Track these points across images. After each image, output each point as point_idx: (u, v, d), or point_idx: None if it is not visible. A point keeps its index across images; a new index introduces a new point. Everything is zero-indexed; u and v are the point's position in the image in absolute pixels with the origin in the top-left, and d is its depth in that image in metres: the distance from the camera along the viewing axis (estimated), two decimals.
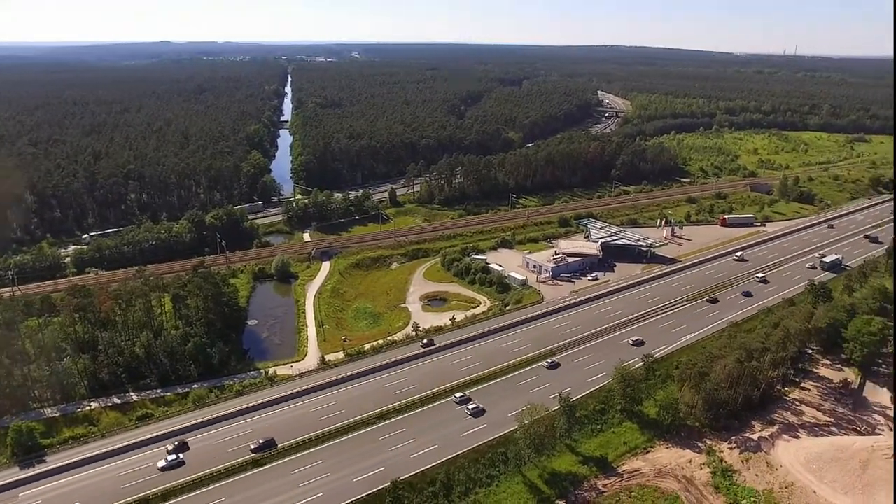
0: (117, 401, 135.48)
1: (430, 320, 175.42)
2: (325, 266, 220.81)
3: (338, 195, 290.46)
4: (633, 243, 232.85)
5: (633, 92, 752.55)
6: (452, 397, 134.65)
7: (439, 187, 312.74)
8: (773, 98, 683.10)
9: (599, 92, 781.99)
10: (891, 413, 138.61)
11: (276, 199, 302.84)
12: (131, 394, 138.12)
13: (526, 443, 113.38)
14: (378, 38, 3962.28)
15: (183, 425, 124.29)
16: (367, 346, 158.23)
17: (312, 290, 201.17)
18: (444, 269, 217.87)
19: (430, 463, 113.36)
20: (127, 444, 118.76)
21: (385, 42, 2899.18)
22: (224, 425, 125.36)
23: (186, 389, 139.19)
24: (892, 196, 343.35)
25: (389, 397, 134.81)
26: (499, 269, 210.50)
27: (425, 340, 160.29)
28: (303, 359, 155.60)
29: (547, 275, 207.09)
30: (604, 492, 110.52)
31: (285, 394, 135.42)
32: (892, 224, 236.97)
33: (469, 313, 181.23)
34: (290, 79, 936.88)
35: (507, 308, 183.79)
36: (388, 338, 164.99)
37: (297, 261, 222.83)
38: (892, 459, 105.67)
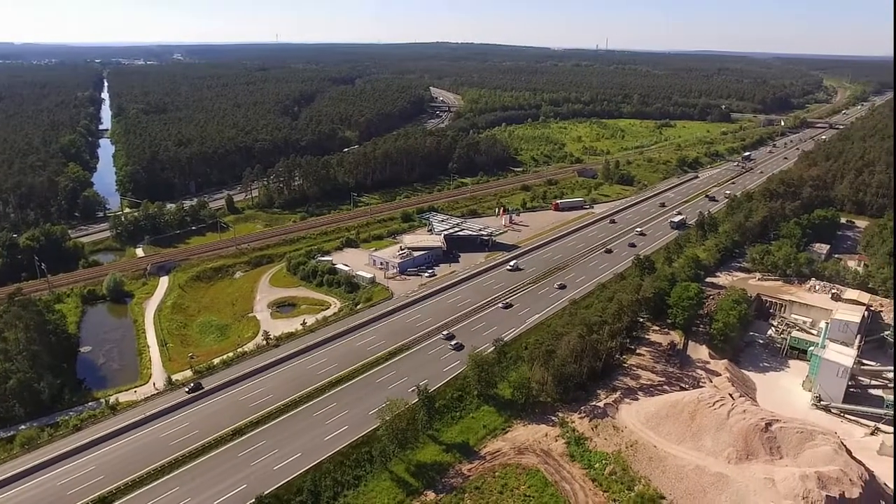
0: None
1: (280, 327, 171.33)
2: (164, 281, 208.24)
3: (171, 206, 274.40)
4: (475, 233, 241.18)
5: (463, 87, 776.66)
6: (312, 402, 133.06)
7: (278, 191, 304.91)
8: (590, 89, 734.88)
9: (431, 88, 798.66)
10: (710, 366, 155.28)
11: (101, 214, 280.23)
12: None
13: (389, 439, 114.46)
14: (201, 38, 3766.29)
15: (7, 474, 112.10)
16: (217, 361, 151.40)
17: (151, 307, 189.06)
18: (290, 273, 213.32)
19: (295, 472, 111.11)
20: None
21: (210, 43, 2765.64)
22: (60, 467, 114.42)
23: (12, 432, 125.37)
24: (694, 174, 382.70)
25: (246, 411, 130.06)
26: (346, 269, 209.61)
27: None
28: (147, 382, 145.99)
29: (394, 270, 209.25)
30: (469, 476, 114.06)
31: (130, 421, 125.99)
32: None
33: (320, 316, 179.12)
34: (106, 83, 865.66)
35: (358, 307, 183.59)
36: (239, 349, 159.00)
37: (131, 278, 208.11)
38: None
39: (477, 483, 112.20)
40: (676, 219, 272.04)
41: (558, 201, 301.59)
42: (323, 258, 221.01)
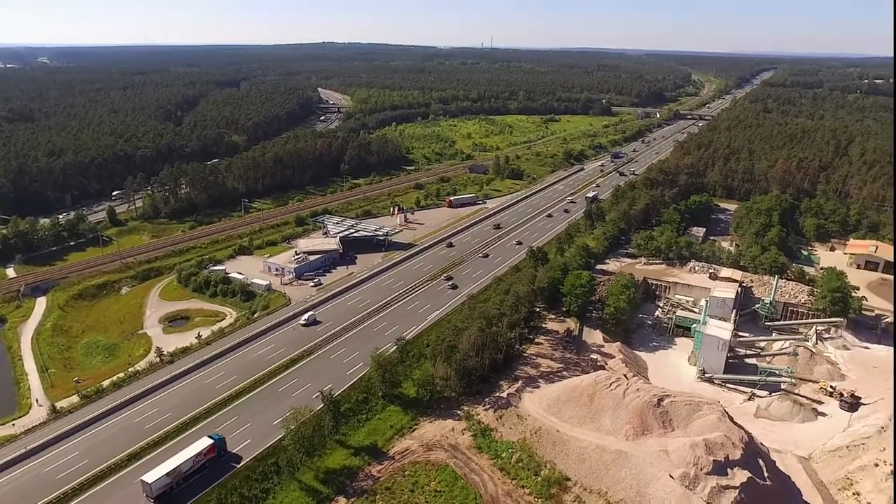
0: None
1: (174, 342, 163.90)
2: (41, 302, 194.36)
3: (45, 221, 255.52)
4: (371, 233, 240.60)
5: (352, 87, 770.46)
6: (212, 417, 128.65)
7: (164, 200, 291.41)
8: (478, 87, 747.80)
9: (319, 89, 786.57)
10: (605, 349, 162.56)
11: None
12: None
13: (296, 447, 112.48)
14: (70, 40, 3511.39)
15: None
16: (107, 383, 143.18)
17: (28, 331, 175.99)
18: (181, 285, 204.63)
19: (197, 494, 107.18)
20: None
21: (80, 45, 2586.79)
22: None
23: None
24: (580, 166, 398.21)
25: (141, 433, 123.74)
26: (240, 277, 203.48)
27: None
28: (27, 412, 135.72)
29: (291, 276, 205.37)
30: (379, 477, 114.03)
31: (8, 458, 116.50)
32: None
33: (216, 328, 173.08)
34: None
35: (255, 316, 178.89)
36: (130, 369, 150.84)
37: (2, 302, 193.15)
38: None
39: (387, 484, 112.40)
40: (591, 194, 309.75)
41: (452, 198, 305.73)
42: (216, 268, 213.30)
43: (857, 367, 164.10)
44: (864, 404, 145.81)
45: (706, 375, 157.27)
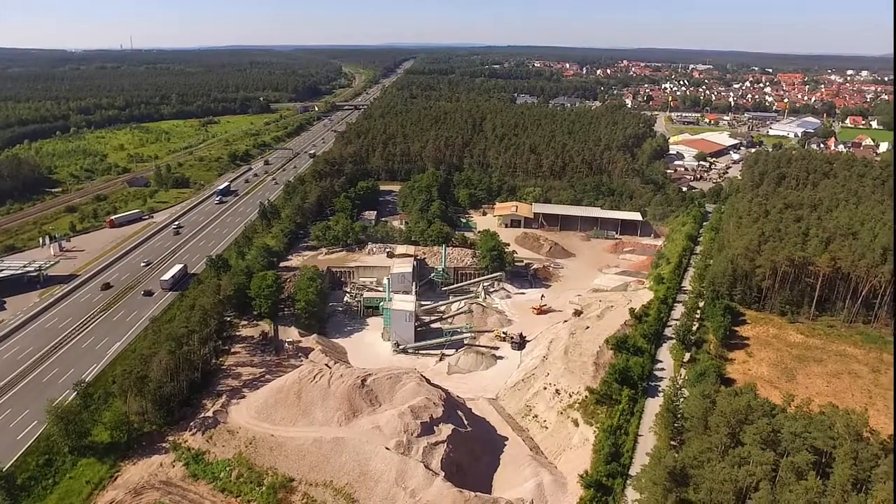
0: None
1: None
2: None
3: None
4: (20, 271, 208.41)
5: None
6: None
7: None
8: (124, 93, 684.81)
9: None
10: (303, 344, 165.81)
11: None
12: None
13: None
14: None
15: None
16: None
17: None
18: None
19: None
20: None
21: None
22: None
23: None
24: (248, 167, 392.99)
25: None
26: None
27: None
28: None
29: None
30: None
31: None
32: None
33: None
34: None
35: None
36: None
37: None
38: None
39: None
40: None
41: (113, 217, 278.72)
42: None
43: (518, 311, 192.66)
44: (528, 341, 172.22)
45: (400, 347, 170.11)
